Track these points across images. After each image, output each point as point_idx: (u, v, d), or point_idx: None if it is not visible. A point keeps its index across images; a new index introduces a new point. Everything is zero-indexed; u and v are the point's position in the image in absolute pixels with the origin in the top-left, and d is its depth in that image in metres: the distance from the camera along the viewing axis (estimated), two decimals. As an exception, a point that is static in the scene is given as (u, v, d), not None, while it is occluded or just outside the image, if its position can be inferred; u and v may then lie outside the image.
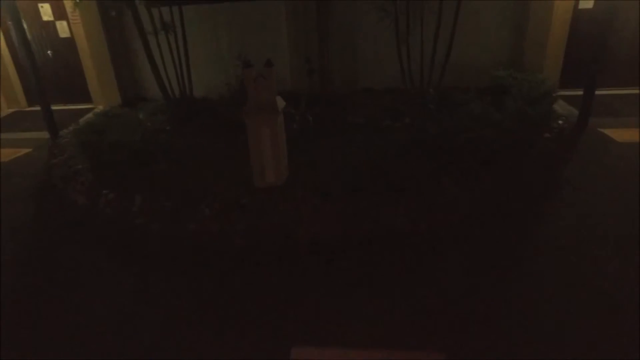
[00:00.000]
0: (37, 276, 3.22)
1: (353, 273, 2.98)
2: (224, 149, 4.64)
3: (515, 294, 2.70)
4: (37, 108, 6.48)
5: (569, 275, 2.86)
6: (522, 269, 2.96)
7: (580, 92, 5.44)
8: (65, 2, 7.11)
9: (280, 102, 3.56)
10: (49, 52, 7.59)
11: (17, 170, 5.24)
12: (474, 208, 3.56)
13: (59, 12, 7.33)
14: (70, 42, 7.49)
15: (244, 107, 3.46)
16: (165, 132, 5.04)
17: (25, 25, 6.40)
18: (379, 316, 2.56)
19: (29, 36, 6.85)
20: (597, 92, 5.46)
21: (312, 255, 3.15)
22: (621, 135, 5.16)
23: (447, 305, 2.62)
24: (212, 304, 2.77)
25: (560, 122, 5.28)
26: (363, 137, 4.63)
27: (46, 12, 7.31)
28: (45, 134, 6.33)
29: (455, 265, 3.04)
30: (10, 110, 7.96)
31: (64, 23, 7.40)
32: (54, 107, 6.41)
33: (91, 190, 3.99)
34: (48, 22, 7.38)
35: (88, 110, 7.52)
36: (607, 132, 5.28)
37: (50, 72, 7.66)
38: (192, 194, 3.64)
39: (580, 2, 6.50)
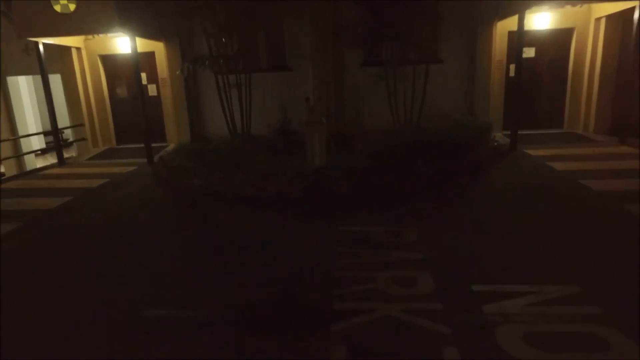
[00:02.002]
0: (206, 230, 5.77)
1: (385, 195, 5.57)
2: (276, 159, 7.34)
3: (452, 212, 5.27)
4: (124, 146, 9.30)
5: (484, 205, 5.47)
6: (459, 204, 5.56)
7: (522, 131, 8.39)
8: (159, 71, 10.25)
9: (323, 119, 6.35)
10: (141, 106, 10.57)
11: (133, 178, 7.88)
12: (437, 178, 6.22)
13: (150, 79, 10.45)
14: (156, 98, 10.54)
15: (305, 122, 6.25)
16: (240, 150, 7.76)
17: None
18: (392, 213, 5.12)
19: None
20: (529, 132, 8.40)
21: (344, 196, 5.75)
22: (535, 152, 7.94)
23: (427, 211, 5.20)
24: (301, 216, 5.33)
25: (495, 143, 8.09)
26: (375, 143, 7.36)
27: (143, 78, 10.44)
28: (141, 160, 9.05)
29: (428, 198, 5.64)
30: (105, 147, 10.78)
31: (154, 86, 10.50)
32: (138, 145, 9.22)
33: (206, 175, 6.63)
34: (144, 85, 10.49)
35: (162, 147, 10.32)
36: (528, 151, 8.06)
37: (141, 120, 10.59)
38: (269, 173, 6.28)
39: (525, 50, 9.50)
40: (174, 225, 5.47)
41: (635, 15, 7.78)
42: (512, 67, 9.61)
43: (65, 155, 10.11)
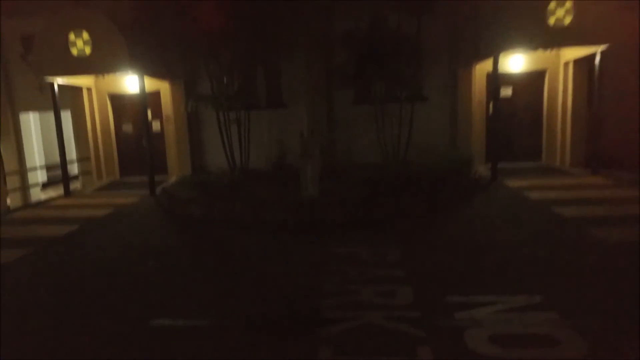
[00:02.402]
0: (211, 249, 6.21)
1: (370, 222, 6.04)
2: (272, 190, 7.86)
3: (433, 235, 5.76)
4: (127, 179, 9.82)
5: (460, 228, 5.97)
6: (440, 229, 6.05)
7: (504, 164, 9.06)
8: (163, 109, 10.94)
9: (316, 152, 6.93)
10: (144, 141, 11.18)
11: (136, 208, 8.33)
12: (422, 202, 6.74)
13: (154, 115, 11.12)
14: (159, 134, 11.17)
15: (299, 155, 6.83)
16: (239, 182, 8.29)
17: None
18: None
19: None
20: (510, 164, 9.06)
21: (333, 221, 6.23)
22: (514, 183, 8.52)
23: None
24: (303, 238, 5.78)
25: (477, 175, 8.70)
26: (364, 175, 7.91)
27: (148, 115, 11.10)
28: (144, 192, 9.53)
29: (412, 224, 6.13)
30: (109, 180, 11.27)
31: (158, 122, 11.16)
32: (140, 178, 9.75)
33: (207, 204, 7.10)
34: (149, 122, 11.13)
35: (163, 180, 10.82)
36: (507, 182, 8.65)
37: (145, 154, 11.16)
38: (266, 202, 6.78)
39: (502, 89, 10.29)
40: (178, 250, 5.89)
41: (596, 61, 8.64)
42: (490, 105, 10.43)
43: (70, 187, 10.57)
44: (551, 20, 8.15)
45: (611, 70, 10.99)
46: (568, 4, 8.08)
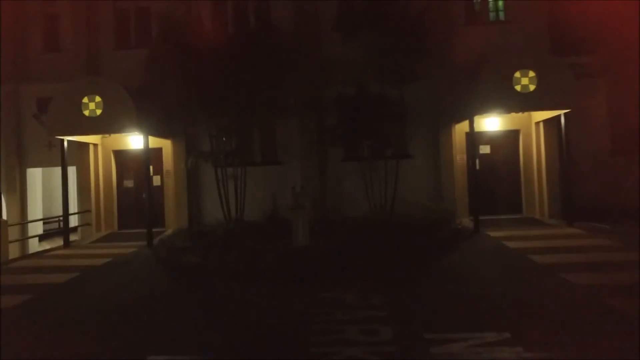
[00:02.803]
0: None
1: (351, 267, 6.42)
2: (266, 240, 8.27)
3: (415, 280, 6.15)
4: (125, 231, 10.21)
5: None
6: (420, 275, 6.45)
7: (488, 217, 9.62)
8: (164, 164, 11.60)
9: (306, 204, 7.46)
10: (143, 195, 11.71)
11: (134, 258, 8.65)
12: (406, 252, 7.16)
13: (155, 171, 11.75)
14: (159, 188, 11.73)
15: (291, 207, 7.34)
16: (234, 233, 8.71)
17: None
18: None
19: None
20: (493, 217, 9.63)
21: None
22: (494, 233, 9.01)
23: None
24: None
25: (459, 226, 9.22)
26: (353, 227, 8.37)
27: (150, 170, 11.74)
28: (142, 243, 9.88)
29: (395, 271, 6.51)
30: (108, 232, 11.62)
31: (158, 177, 11.77)
32: (138, 230, 10.16)
33: (203, 254, 7.48)
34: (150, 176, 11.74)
35: (160, 232, 11.20)
36: (489, 233, 9.14)
37: (145, 207, 11.64)
38: (259, 251, 7.18)
39: (481, 147, 11.06)
40: (174, 296, 6.20)
41: (562, 122, 9.56)
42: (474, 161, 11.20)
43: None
44: (517, 88, 9.14)
45: (580, 130, 12.11)
46: (531, 73, 9.12)
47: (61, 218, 12.77)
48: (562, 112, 9.52)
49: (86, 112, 9.46)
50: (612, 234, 8.42)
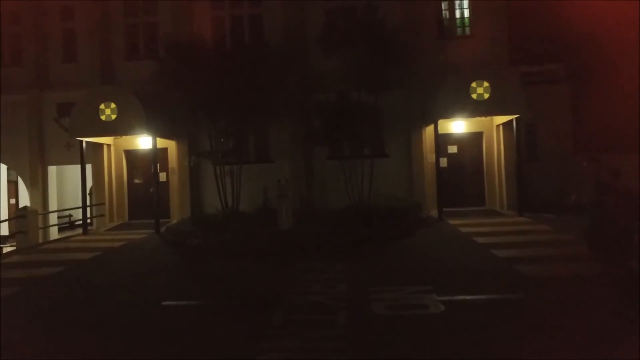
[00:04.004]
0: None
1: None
2: (257, 226, 9.76)
3: (375, 252, 7.66)
4: (134, 221, 11.72)
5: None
6: (386, 247, 7.96)
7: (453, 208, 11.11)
8: (169, 163, 13.10)
9: (289, 194, 8.95)
10: (151, 189, 13.21)
11: (145, 242, 10.15)
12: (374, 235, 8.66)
13: (161, 168, 13.24)
14: (165, 184, 13.23)
15: (276, 196, 8.83)
16: (230, 219, 10.20)
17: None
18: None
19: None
20: (459, 209, 11.12)
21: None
22: (454, 222, 10.51)
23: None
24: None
25: (424, 215, 10.72)
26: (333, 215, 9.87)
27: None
28: (151, 230, 11.37)
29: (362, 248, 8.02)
30: (119, 222, 13.12)
31: (164, 174, 13.27)
32: (146, 220, 11.67)
33: (203, 236, 8.98)
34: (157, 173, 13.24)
35: (166, 222, 12.67)
36: (450, 221, 10.63)
37: (152, 200, 13.11)
38: (250, 234, 8.68)
39: (449, 147, 12.55)
40: (179, 267, 7.71)
41: (514, 126, 11.05)
42: (442, 159, 12.69)
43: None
44: (474, 96, 10.63)
45: (546, 131, 13.64)
46: (486, 84, 10.61)
47: (71, 212, 14.38)
48: (513, 117, 11.00)
49: (103, 117, 10.96)
50: (552, 222, 9.92)
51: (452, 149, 12.75)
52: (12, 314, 5.34)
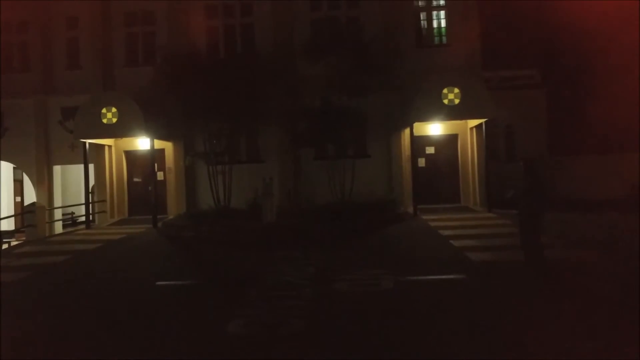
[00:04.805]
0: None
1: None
2: (244, 220, 10.69)
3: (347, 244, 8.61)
4: (134, 217, 12.65)
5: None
6: (358, 240, 8.90)
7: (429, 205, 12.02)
8: (166, 162, 14.04)
9: (273, 192, 9.88)
10: (149, 187, 14.14)
11: (144, 235, 11.10)
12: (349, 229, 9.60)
13: (159, 168, 14.18)
14: (162, 182, 14.16)
15: (261, 193, 9.77)
16: (220, 214, 11.14)
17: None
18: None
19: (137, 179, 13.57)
20: (434, 206, 12.03)
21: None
22: (427, 217, 11.43)
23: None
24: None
25: (400, 211, 11.66)
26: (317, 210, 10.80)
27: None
28: (149, 225, 12.31)
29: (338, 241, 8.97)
30: (119, 218, 14.06)
31: (161, 173, 14.21)
32: (144, 216, 12.60)
33: (196, 229, 9.92)
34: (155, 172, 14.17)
35: (164, 218, 13.59)
36: (424, 217, 11.56)
37: (150, 197, 14.04)
38: (237, 227, 9.62)
39: (419, 160, 13.52)
40: (174, 254, 8.66)
41: (483, 129, 11.98)
42: (420, 159, 13.63)
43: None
44: (445, 101, 11.56)
45: (522, 134, 14.59)
46: (456, 90, 11.53)
47: (73, 210, 15.34)
48: (482, 120, 11.93)
49: (104, 120, 11.89)
50: (515, 217, 10.82)
51: (430, 150, 13.69)
52: (31, 291, 6.30)
